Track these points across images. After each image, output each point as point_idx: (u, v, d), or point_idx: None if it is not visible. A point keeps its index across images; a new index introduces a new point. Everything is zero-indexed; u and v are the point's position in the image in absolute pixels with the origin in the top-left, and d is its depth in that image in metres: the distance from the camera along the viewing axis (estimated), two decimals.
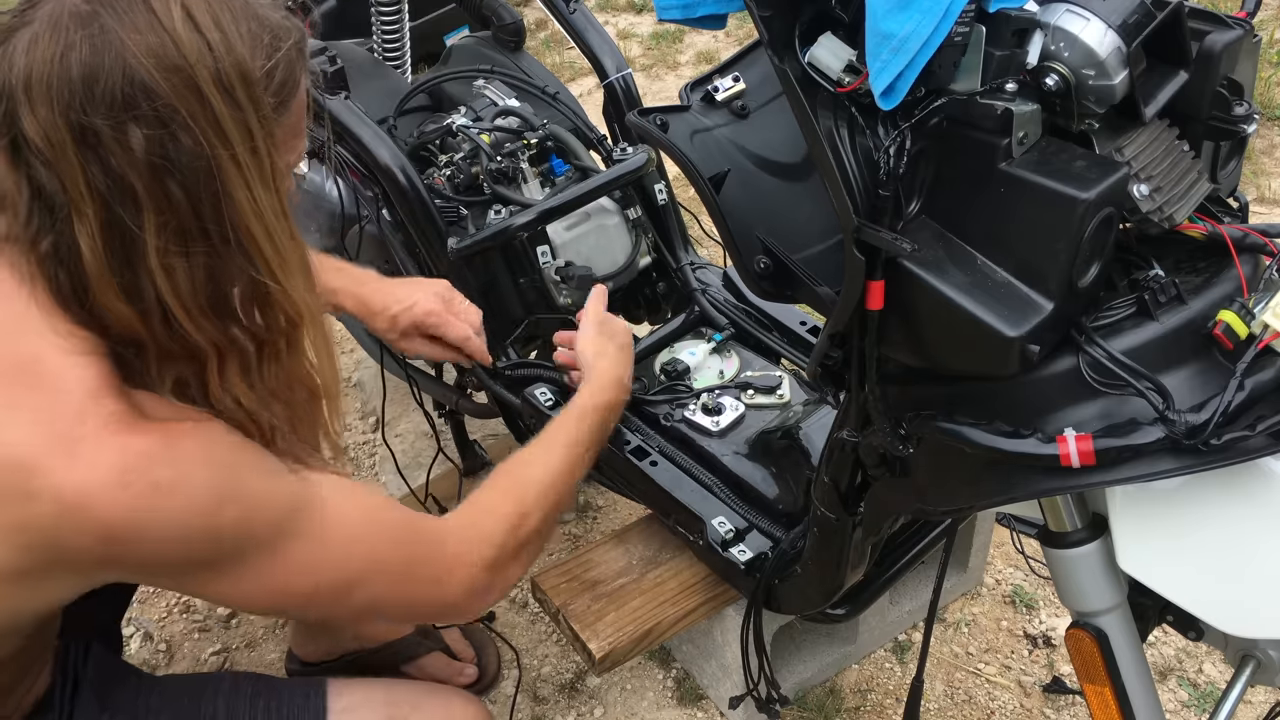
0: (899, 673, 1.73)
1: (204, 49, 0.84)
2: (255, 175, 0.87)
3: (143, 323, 0.88)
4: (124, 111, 0.82)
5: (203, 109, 0.83)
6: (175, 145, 0.83)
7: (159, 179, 0.83)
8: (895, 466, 1.05)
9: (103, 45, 0.81)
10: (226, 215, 0.86)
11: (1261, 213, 2.75)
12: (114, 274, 0.85)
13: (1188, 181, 0.89)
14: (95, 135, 0.82)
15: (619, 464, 1.52)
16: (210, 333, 0.90)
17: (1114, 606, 1.00)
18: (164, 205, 0.84)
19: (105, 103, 0.81)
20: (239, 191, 0.86)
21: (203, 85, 0.83)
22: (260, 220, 0.88)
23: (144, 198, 0.83)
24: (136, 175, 0.83)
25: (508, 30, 1.97)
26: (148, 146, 0.82)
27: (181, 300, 0.87)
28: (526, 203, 1.67)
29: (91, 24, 0.82)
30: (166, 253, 0.85)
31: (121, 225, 0.84)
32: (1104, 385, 0.86)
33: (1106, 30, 0.80)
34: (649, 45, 3.86)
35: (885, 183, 0.84)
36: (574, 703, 1.71)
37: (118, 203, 0.83)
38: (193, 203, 0.85)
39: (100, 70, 0.81)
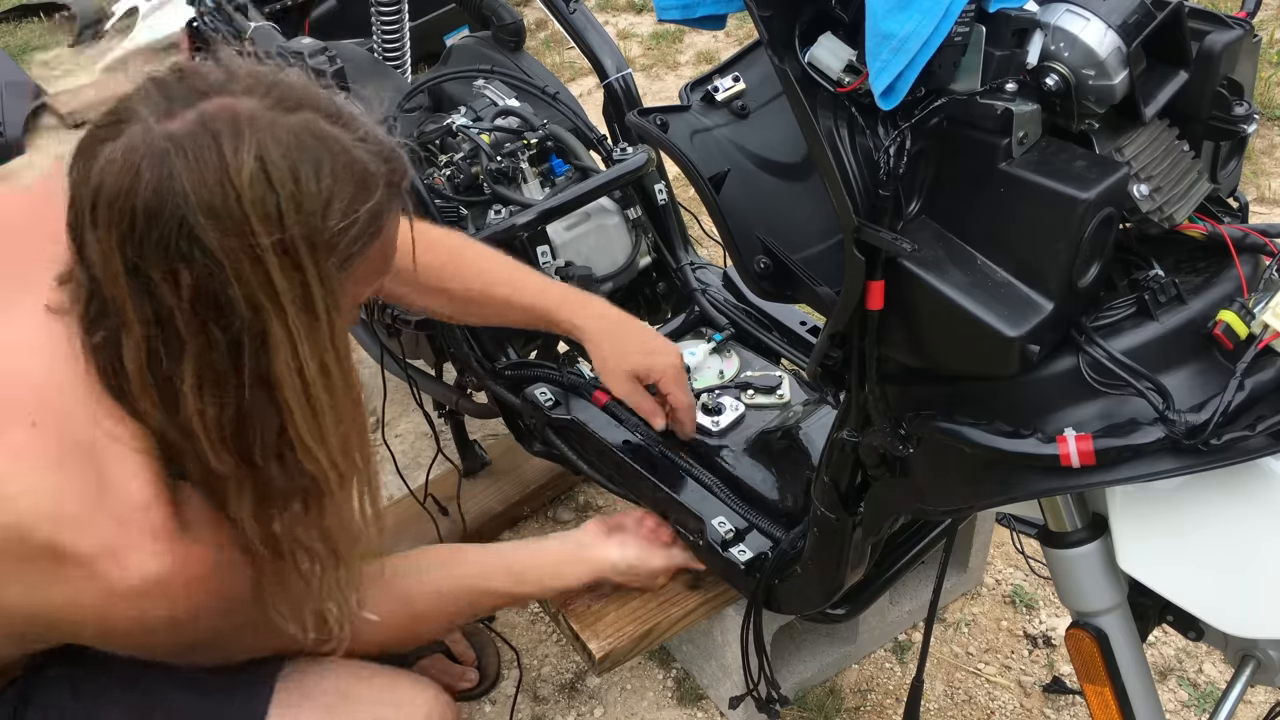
0: (899, 673, 1.72)
1: (270, 209, 0.82)
2: (305, 337, 0.86)
3: (175, 430, 0.89)
4: (176, 257, 0.82)
5: (255, 271, 0.83)
6: (224, 296, 0.83)
7: (202, 323, 0.84)
8: (895, 466, 1.05)
9: (167, 190, 0.81)
10: (264, 371, 0.86)
11: (1261, 213, 2.75)
12: (152, 388, 0.87)
13: (1188, 181, 0.89)
14: (146, 270, 0.83)
15: (619, 464, 1.52)
16: (230, 466, 0.90)
17: (1114, 606, 1.00)
18: (204, 347, 0.85)
19: (160, 246, 0.82)
20: (281, 352, 0.86)
21: (261, 247, 0.82)
22: (299, 382, 0.87)
23: (186, 335, 0.85)
24: (181, 314, 0.84)
25: (508, 30, 1.97)
26: (195, 291, 0.83)
27: (206, 430, 0.88)
28: (526, 203, 1.67)
29: (163, 164, 0.81)
30: (200, 389, 0.86)
31: (160, 354, 0.86)
32: (1104, 385, 0.86)
33: (1106, 30, 0.80)
34: (649, 45, 3.86)
35: (885, 183, 0.84)
36: (574, 703, 1.71)
37: (159, 334, 0.85)
38: (232, 351, 0.85)
39: (160, 215, 0.81)
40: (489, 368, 1.68)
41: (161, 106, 0.85)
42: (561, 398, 1.59)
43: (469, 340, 1.68)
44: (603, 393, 1.58)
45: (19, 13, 4.55)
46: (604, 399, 1.58)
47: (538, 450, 1.69)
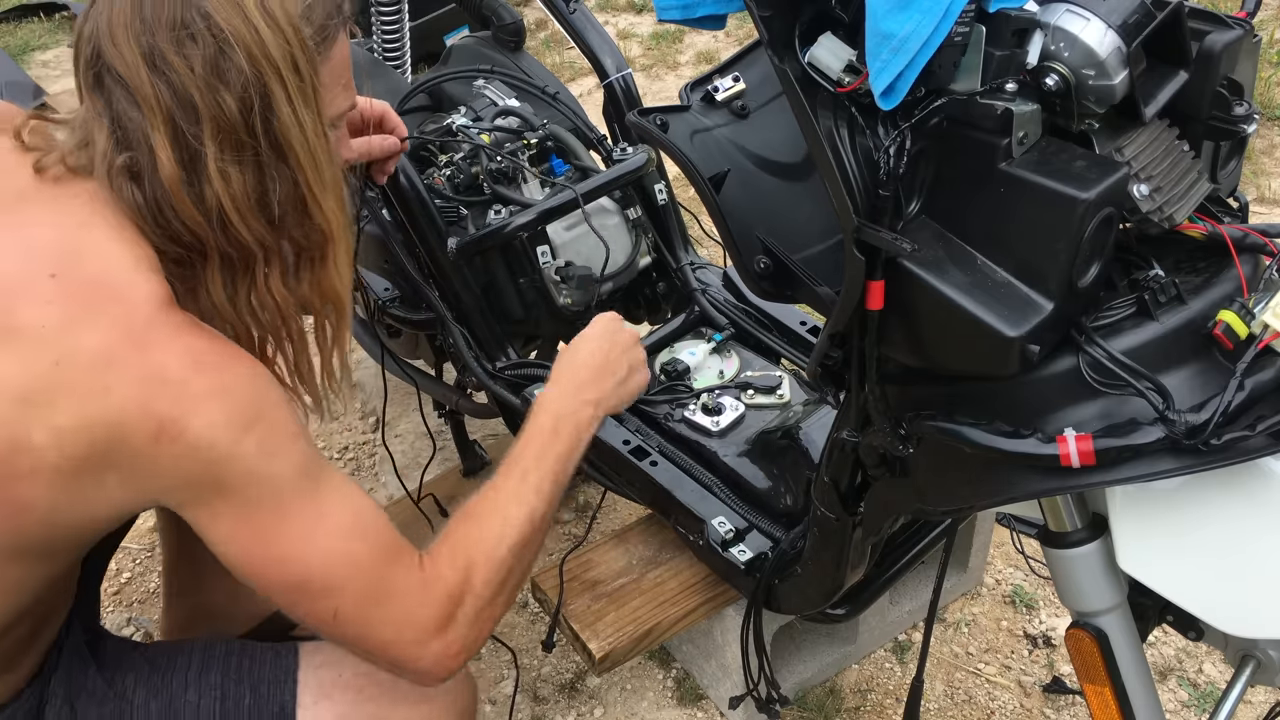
0: (899, 673, 1.73)
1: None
2: (297, 94, 1.00)
3: (207, 225, 1.00)
4: (185, 33, 0.96)
5: (250, 32, 0.97)
6: (227, 63, 0.96)
7: (214, 92, 0.97)
8: (895, 466, 1.05)
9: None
10: (272, 127, 0.99)
11: (1261, 213, 2.75)
12: (183, 181, 0.98)
13: (1188, 181, 0.89)
14: (162, 56, 0.96)
15: (619, 464, 1.52)
16: (258, 232, 1.01)
17: (1114, 606, 1.00)
18: (219, 116, 0.97)
19: (168, 26, 0.96)
20: (282, 107, 0.99)
21: (249, 12, 0.97)
22: (301, 134, 1.01)
23: (202, 110, 0.97)
24: (196, 89, 0.96)
25: (508, 30, 1.97)
26: (204, 64, 0.96)
27: (235, 202, 0.99)
28: (526, 203, 1.67)
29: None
30: (222, 159, 0.98)
31: (185, 137, 0.97)
32: (1104, 385, 0.86)
33: (1106, 30, 0.80)
34: (649, 45, 3.86)
35: (885, 183, 0.84)
36: (574, 703, 1.71)
37: (181, 116, 0.97)
38: (244, 114, 0.97)
39: (164, 5, 0.96)
40: (489, 368, 1.68)
41: None
42: None
43: (469, 340, 1.68)
44: None
45: (19, 13, 4.56)
46: None
47: None
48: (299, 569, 1.03)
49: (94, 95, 1.00)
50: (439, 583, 1.09)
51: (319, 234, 1.06)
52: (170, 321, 0.98)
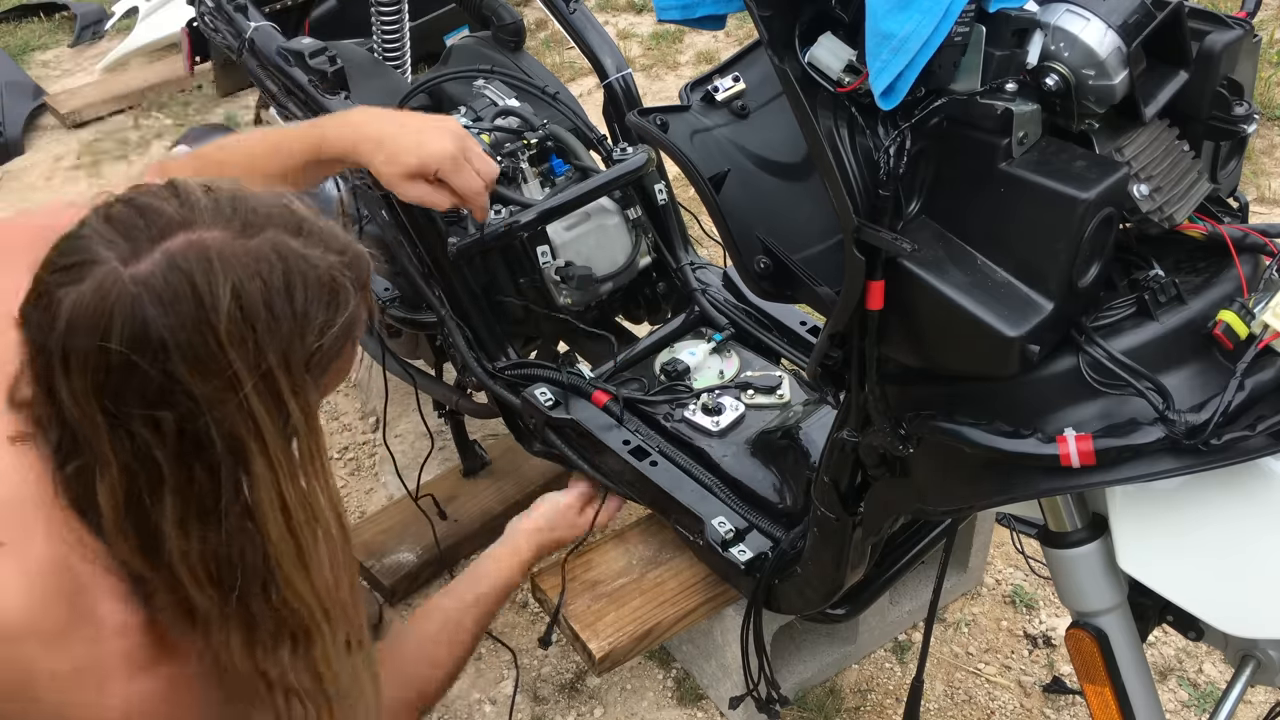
0: (899, 673, 1.72)
1: (249, 343, 0.81)
2: (285, 467, 0.85)
3: (153, 573, 0.87)
4: (159, 398, 0.80)
5: (237, 408, 0.82)
6: (206, 434, 0.81)
7: (183, 462, 0.82)
8: (895, 466, 1.05)
9: (143, 338, 0.79)
10: (247, 504, 0.85)
11: (1261, 213, 2.75)
12: (130, 531, 0.84)
13: (1188, 181, 0.89)
14: (126, 419, 0.80)
15: (619, 464, 1.52)
16: (215, 603, 0.87)
17: (1114, 606, 1.00)
18: (186, 485, 0.83)
19: (139, 393, 0.80)
20: (263, 484, 0.85)
21: (242, 384, 0.81)
22: (281, 514, 0.86)
23: (168, 475, 0.82)
24: (163, 455, 0.82)
25: (508, 30, 1.97)
26: (177, 432, 0.81)
27: (190, 568, 0.85)
28: (526, 203, 1.67)
29: (136, 312, 0.79)
30: (183, 525, 0.84)
31: (140, 495, 0.83)
32: (1104, 385, 0.86)
33: (1106, 30, 0.80)
34: (649, 45, 3.86)
35: (885, 183, 0.84)
36: (574, 703, 1.71)
37: (140, 474, 0.82)
38: (216, 487, 0.83)
39: (138, 365, 0.79)
40: (489, 368, 1.68)
41: (124, 248, 0.81)
42: (561, 398, 1.59)
43: (469, 340, 1.68)
44: (603, 393, 1.58)
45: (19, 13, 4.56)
46: (603, 399, 1.58)
47: (538, 450, 1.69)
48: None
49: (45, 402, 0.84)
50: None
51: (297, 618, 0.90)
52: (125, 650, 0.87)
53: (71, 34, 4.36)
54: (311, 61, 1.64)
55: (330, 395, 2.33)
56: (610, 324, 1.87)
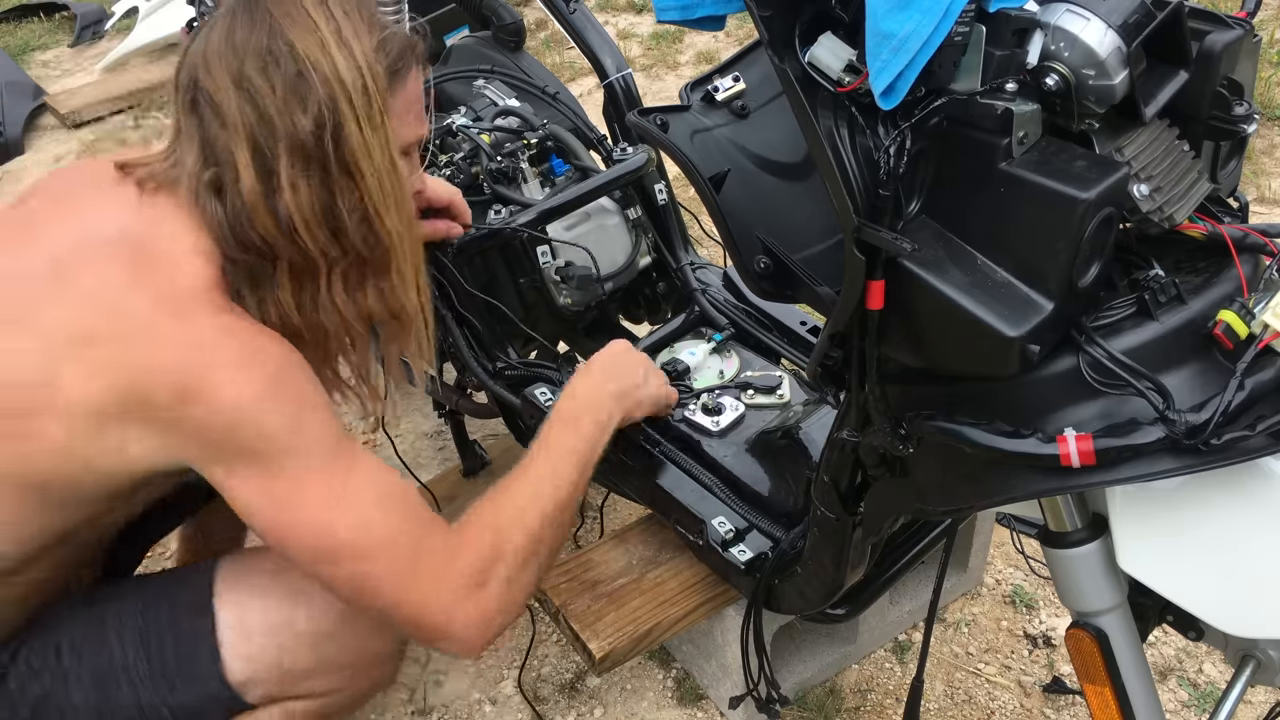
0: (899, 673, 1.73)
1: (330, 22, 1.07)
2: (366, 119, 1.07)
3: (278, 234, 1.07)
4: (269, 57, 1.05)
5: (327, 60, 1.06)
6: (305, 86, 1.05)
7: (291, 112, 1.05)
8: (895, 466, 1.05)
9: (258, 20, 1.07)
10: (339, 145, 1.06)
11: (1261, 213, 2.75)
12: (261, 194, 1.06)
13: (1188, 181, 0.89)
14: (249, 78, 1.05)
15: (619, 464, 1.52)
16: (323, 244, 1.08)
17: (1114, 606, 1.00)
18: (294, 133, 1.05)
19: (255, 53, 1.06)
20: (351, 129, 1.06)
21: (328, 43, 1.06)
22: (368, 155, 1.08)
23: (279, 128, 1.05)
24: (275, 109, 1.05)
25: (508, 30, 1.97)
26: (284, 86, 1.05)
27: (303, 213, 1.06)
28: (526, 203, 1.67)
29: (253, 8, 1.08)
30: (294, 173, 1.05)
31: (264, 153, 1.05)
32: (1104, 385, 0.86)
33: (1106, 30, 0.80)
34: (649, 45, 3.86)
35: (885, 183, 0.84)
36: (574, 703, 1.71)
37: (261, 134, 1.05)
38: (316, 133, 1.05)
39: (252, 36, 1.06)
40: (489, 368, 1.68)
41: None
42: None
43: (469, 340, 1.68)
44: None
45: (19, 13, 4.56)
46: None
47: None
48: (326, 536, 1.06)
49: (188, 117, 1.09)
50: (468, 549, 1.14)
51: (382, 248, 1.12)
52: (212, 301, 1.06)
53: (71, 34, 4.37)
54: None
55: None
56: (610, 324, 1.87)
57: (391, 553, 1.08)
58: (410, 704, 1.72)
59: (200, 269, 1.07)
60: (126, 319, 1.03)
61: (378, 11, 1.14)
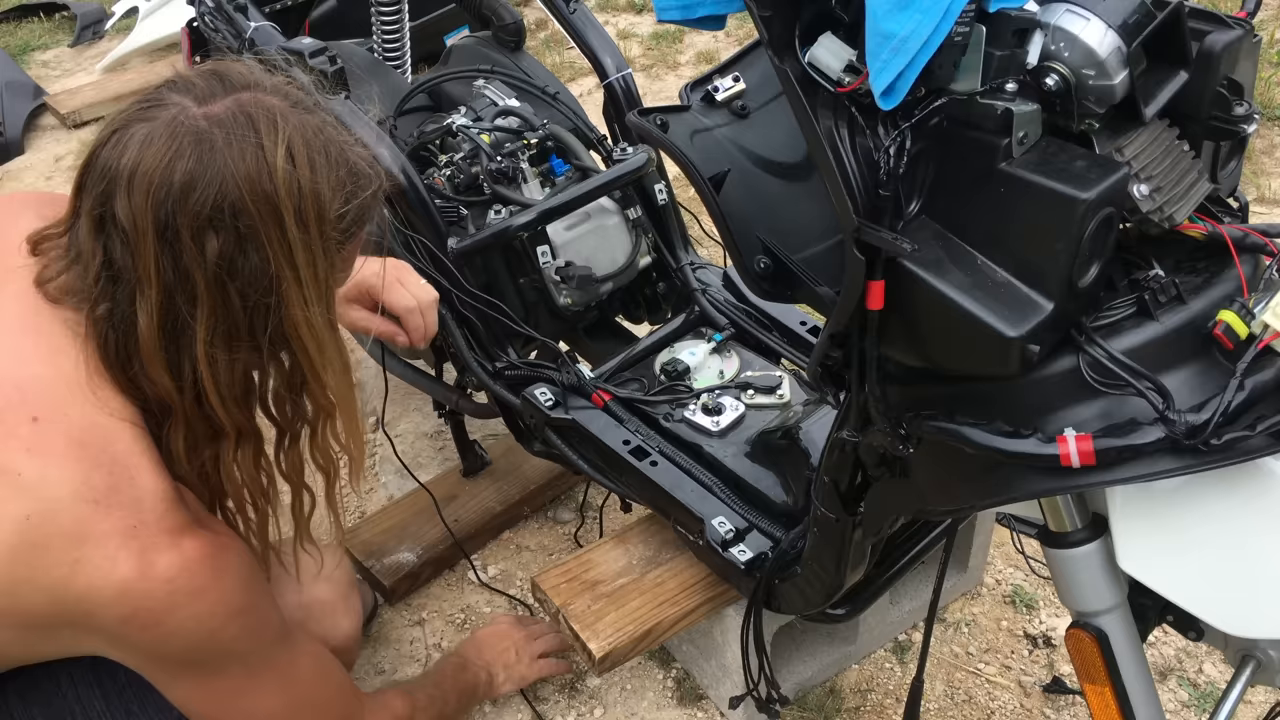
0: (899, 673, 1.72)
1: (294, 185, 0.96)
2: (312, 292, 0.99)
3: (178, 395, 0.98)
4: (208, 222, 0.93)
5: (279, 234, 0.95)
6: (244, 260, 0.94)
7: (221, 284, 0.95)
8: (895, 466, 1.05)
9: (208, 162, 0.93)
10: (277, 324, 0.98)
11: (1261, 213, 2.74)
12: (162, 350, 0.96)
13: (1188, 181, 0.89)
14: (175, 234, 0.92)
15: (619, 464, 1.52)
16: (236, 418, 1.01)
17: (1114, 606, 1.00)
18: (219, 307, 0.96)
19: (194, 210, 0.92)
20: (295, 306, 0.98)
21: (284, 214, 0.95)
22: (310, 330, 1.00)
23: (203, 296, 0.94)
24: (201, 276, 0.94)
25: (508, 30, 1.97)
26: (219, 255, 0.94)
27: (217, 387, 0.98)
28: (526, 203, 1.67)
29: (204, 142, 0.93)
30: (212, 345, 0.97)
31: (176, 313, 0.95)
32: (1104, 385, 0.86)
33: (1106, 30, 0.80)
34: (649, 45, 3.86)
35: (885, 183, 0.84)
36: (574, 703, 1.71)
37: (178, 293, 0.94)
38: (247, 310, 0.96)
39: (199, 182, 0.92)
40: (489, 368, 1.68)
41: (200, 92, 0.96)
42: (561, 398, 1.59)
43: (469, 340, 1.68)
44: (603, 393, 1.58)
45: (19, 13, 4.56)
46: (604, 399, 1.58)
47: (538, 450, 1.69)
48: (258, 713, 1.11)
49: (92, 234, 0.96)
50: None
51: (319, 410, 1.08)
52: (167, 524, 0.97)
53: (71, 34, 4.36)
54: (311, 61, 1.64)
55: None
56: (610, 324, 1.87)
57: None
58: None
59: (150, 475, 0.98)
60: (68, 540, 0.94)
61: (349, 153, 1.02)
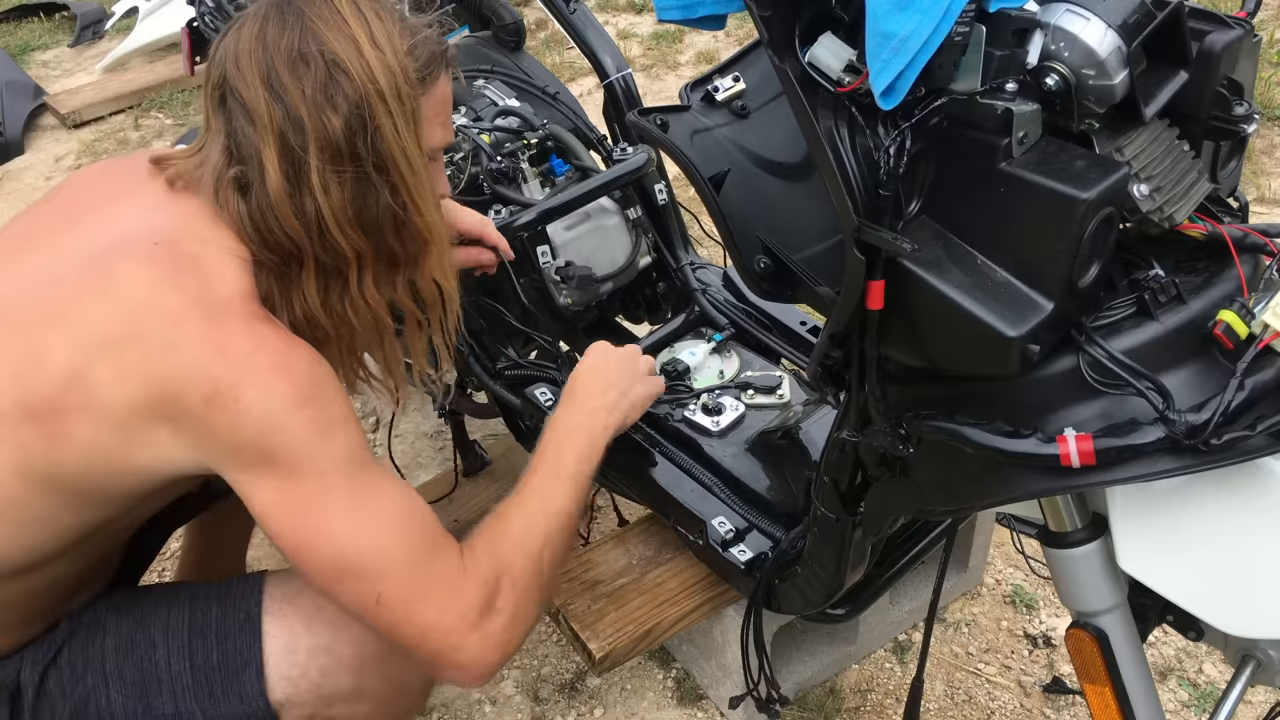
0: (899, 673, 1.72)
1: (363, 24, 1.08)
2: (400, 117, 1.08)
3: (305, 234, 1.08)
4: (299, 57, 1.06)
5: (360, 61, 1.06)
6: (336, 87, 1.06)
7: (322, 112, 1.06)
8: (895, 466, 1.05)
9: (289, 19, 1.08)
10: (374, 143, 1.07)
11: (1261, 213, 2.75)
12: (288, 195, 1.06)
13: (1188, 181, 0.89)
14: (278, 78, 1.06)
15: (619, 464, 1.52)
16: (355, 242, 1.10)
17: (1114, 606, 1.00)
18: (324, 134, 1.06)
19: (286, 52, 1.06)
20: (385, 123, 1.07)
21: (361, 44, 1.07)
22: (402, 152, 1.09)
23: (310, 128, 1.05)
24: (305, 109, 1.05)
25: (508, 30, 1.97)
26: (315, 86, 1.05)
27: (335, 213, 1.08)
28: (526, 203, 1.67)
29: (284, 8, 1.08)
30: (324, 173, 1.06)
31: (293, 151, 1.06)
32: (1104, 385, 0.86)
33: (1106, 30, 0.80)
34: (649, 45, 3.86)
35: (885, 183, 0.84)
36: (574, 703, 1.71)
37: (291, 133, 1.06)
38: (348, 133, 1.06)
39: (284, 35, 1.07)
40: (489, 368, 1.68)
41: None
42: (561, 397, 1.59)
43: (469, 340, 1.68)
44: None
45: (19, 13, 4.56)
46: None
47: None
48: (341, 550, 1.06)
49: (216, 114, 1.10)
50: (478, 574, 1.13)
51: (417, 240, 1.14)
52: (246, 310, 1.06)
53: (71, 34, 4.37)
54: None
55: None
56: (610, 324, 1.87)
57: (403, 576, 1.07)
58: None
59: (232, 274, 1.08)
60: (160, 323, 1.03)
61: (408, 16, 1.14)
